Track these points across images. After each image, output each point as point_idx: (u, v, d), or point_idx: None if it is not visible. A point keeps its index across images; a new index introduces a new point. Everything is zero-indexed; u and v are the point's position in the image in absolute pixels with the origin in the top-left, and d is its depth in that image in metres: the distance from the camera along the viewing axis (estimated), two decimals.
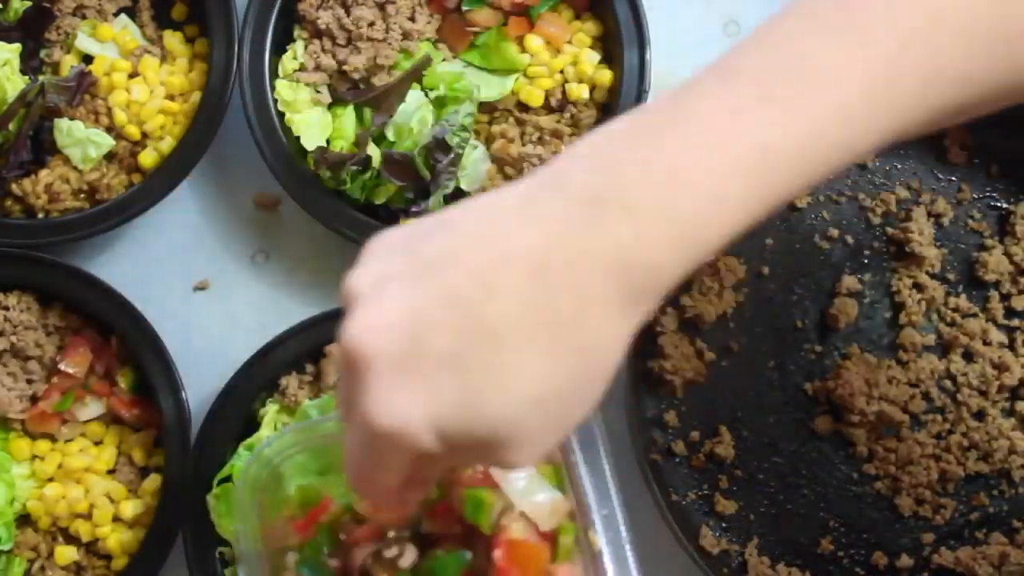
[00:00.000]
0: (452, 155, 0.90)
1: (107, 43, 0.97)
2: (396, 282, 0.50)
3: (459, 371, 0.48)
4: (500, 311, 0.48)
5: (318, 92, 0.93)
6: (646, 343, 0.91)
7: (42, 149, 0.94)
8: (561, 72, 0.94)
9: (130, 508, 0.90)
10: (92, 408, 0.91)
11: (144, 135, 0.95)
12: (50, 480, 0.91)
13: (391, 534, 0.64)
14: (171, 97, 0.96)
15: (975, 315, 0.93)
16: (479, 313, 0.48)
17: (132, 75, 0.95)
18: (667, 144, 0.49)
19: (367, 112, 0.93)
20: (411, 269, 0.50)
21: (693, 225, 0.49)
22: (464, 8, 0.94)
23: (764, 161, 0.49)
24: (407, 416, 0.49)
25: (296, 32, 0.95)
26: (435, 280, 0.49)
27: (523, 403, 0.49)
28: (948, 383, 0.92)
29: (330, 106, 0.94)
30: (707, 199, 0.49)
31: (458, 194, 0.92)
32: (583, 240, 0.48)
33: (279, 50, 0.95)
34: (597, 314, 0.49)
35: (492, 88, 0.93)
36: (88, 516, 0.90)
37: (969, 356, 0.92)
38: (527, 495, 0.61)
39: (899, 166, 0.95)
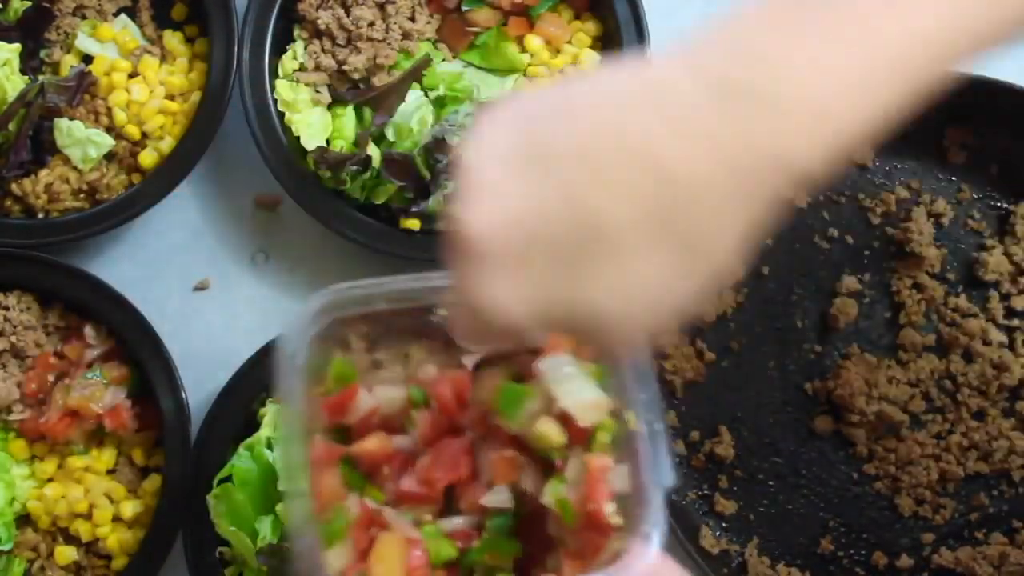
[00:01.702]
0: (452, 155, 0.90)
1: (107, 43, 0.97)
2: (517, 174, 0.49)
3: (572, 269, 0.49)
4: (621, 212, 0.47)
5: (318, 92, 0.93)
6: None
7: (42, 149, 0.94)
8: (561, 72, 0.94)
9: (130, 508, 0.90)
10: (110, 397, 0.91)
11: (144, 135, 0.95)
12: (50, 480, 0.91)
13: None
14: (171, 97, 0.96)
15: (975, 315, 0.93)
16: (599, 213, 0.48)
17: (132, 75, 0.95)
18: (809, 32, 0.48)
19: (367, 112, 0.93)
20: (533, 161, 0.49)
21: (835, 120, 0.47)
22: (464, 8, 0.94)
23: (914, 48, 0.48)
24: (515, 306, 0.49)
25: (296, 32, 0.95)
26: (557, 176, 0.48)
27: (628, 298, 0.49)
28: (948, 383, 0.92)
29: (330, 106, 0.94)
30: (852, 91, 0.48)
31: None
32: (714, 136, 0.47)
33: (279, 50, 0.95)
34: (719, 214, 0.48)
35: (492, 88, 0.93)
36: (88, 516, 0.90)
37: (969, 356, 0.92)
38: (570, 391, 0.60)
39: (899, 166, 0.95)
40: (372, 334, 0.66)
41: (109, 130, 0.94)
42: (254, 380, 0.89)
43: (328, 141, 0.93)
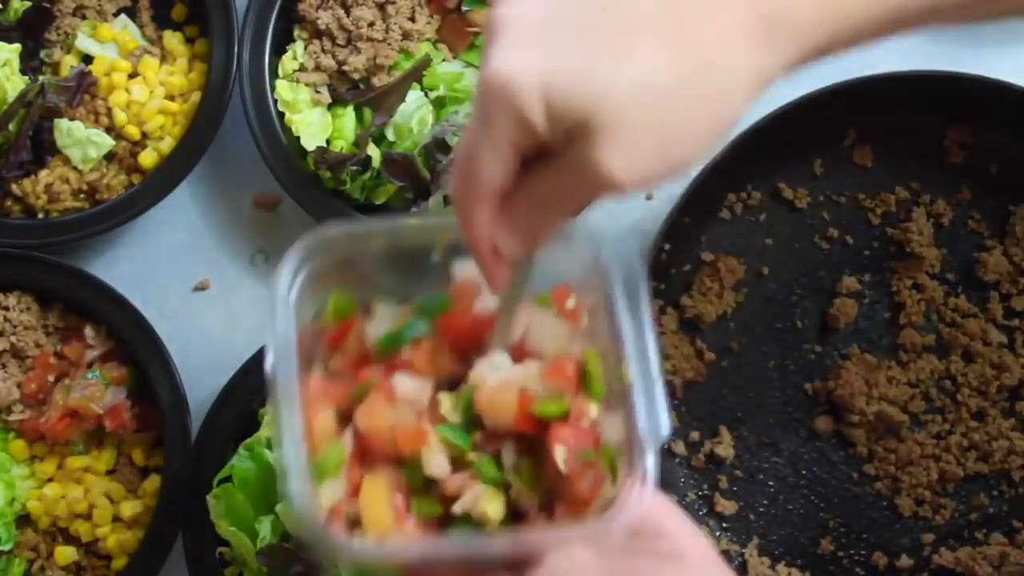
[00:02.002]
0: (452, 155, 0.90)
1: (107, 43, 0.97)
2: None
3: (584, 41, 0.49)
4: (639, 2, 0.50)
5: (318, 92, 0.94)
6: None
7: (42, 149, 0.94)
8: None
9: (130, 508, 0.90)
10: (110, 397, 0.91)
11: (144, 135, 0.95)
12: (50, 480, 0.91)
13: None
14: (171, 97, 0.96)
15: (975, 315, 0.93)
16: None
17: (132, 75, 0.95)
18: None
19: (367, 112, 0.93)
20: None
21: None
22: (464, 8, 0.94)
23: None
24: (521, 68, 0.50)
25: (296, 32, 0.95)
26: None
27: (633, 84, 0.49)
28: (948, 383, 0.92)
29: (330, 106, 0.94)
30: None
31: None
32: None
33: (279, 50, 0.95)
34: (726, 34, 0.50)
35: None
36: (88, 516, 0.90)
37: (969, 356, 0.92)
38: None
39: (899, 166, 0.95)
40: (371, 275, 0.65)
41: (109, 130, 0.94)
42: (254, 380, 0.89)
43: (328, 141, 0.93)
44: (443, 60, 0.94)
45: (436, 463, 0.59)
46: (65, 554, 0.89)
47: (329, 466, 0.59)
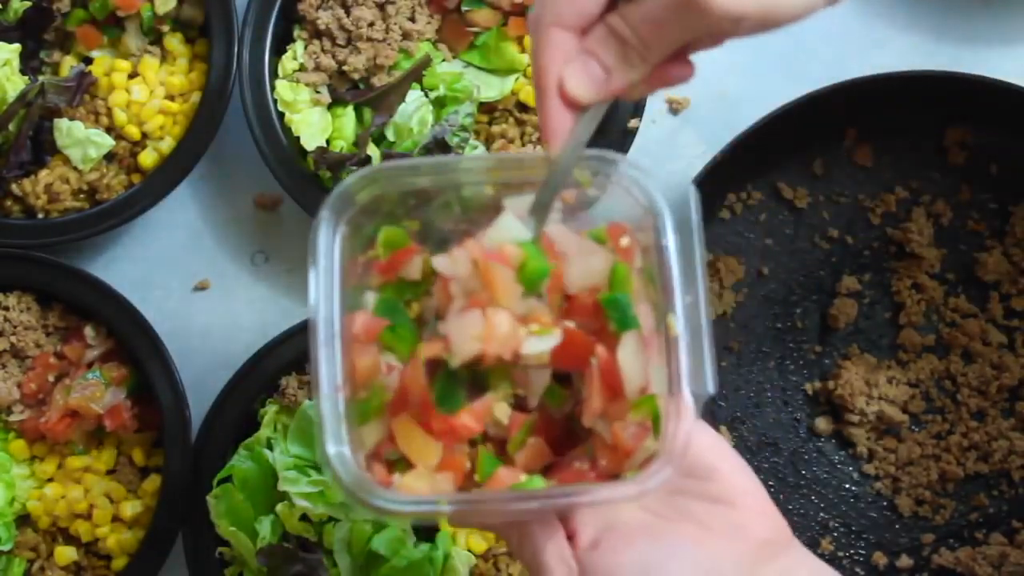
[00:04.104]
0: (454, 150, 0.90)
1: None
2: None
3: None
4: None
5: (318, 92, 0.93)
6: None
7: (42, 149, 0.94)
8: None
9: (130, 508, 0.90)
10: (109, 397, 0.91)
11: (144, 135, 0.95)
12: (50, 480, 0.91)
13: None
14: (171, 97, 0.96)
15: (975, 315, 0.93)
16: None
17: (132, 75, 0.95)
18: None
19: (367, 112, 0.93)
20: None
21: None
22: (464, 8, 0.94)
23: None
24: None
25: (296, 32, 0.95)
26: None
27: None
28: (948, 383, 0.92)
29: (330, 106, 0.94)
30: None
31: None
32: None
33: (279, 50, 0.95)
34: None
35: (492, 88, 0.93)
36: (88, 516, 0.90)
37: (969, 356, 0.92)
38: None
39: (899, 166, 0.95)
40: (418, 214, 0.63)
41: (109, 130, 0.94)
42: (254, 380, 0.89)
43: (328, 141, 0.93)
44: (443, 60, 0.94)
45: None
46: (65, 554, 0.89)
47: (372, 407, 0.57)
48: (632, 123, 0.90)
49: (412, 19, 0.94)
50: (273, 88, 0.93)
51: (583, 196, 0.61)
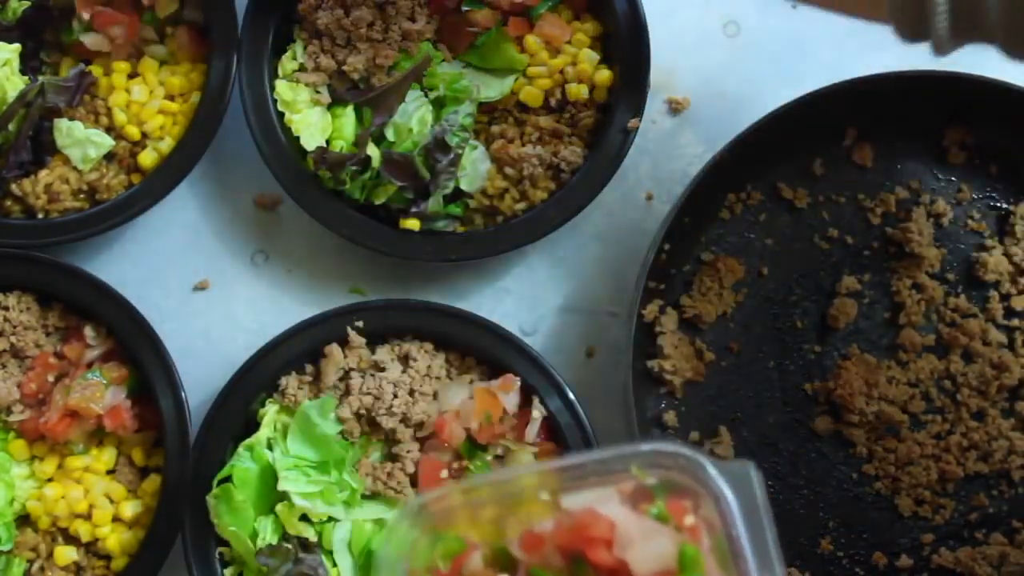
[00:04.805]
0: (452, 155, 0.90)
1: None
2: None
3: None
4: None
5: (318, 92, 0.93)
6: (646, 343, 0.91)
7: (42, 149, 0.94)
8: (560, 72, 0.94)
9: (130, 508, 0.90)
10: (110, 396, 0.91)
11: (144, 135, 0.95)
12: (50, 480, 0.91)
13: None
14: (171, 97, 0.96)
15: (975, 315, 0.93)
16: None
17: (132, 75, 0.95)
18: None
19: (367, 112, 0.93)
20: None
21: None
22: (464, 8, 0.94)
23: None
24: None
25: (296, 32, 0.95)
26: None
27: None
28: (948, 383, 0.92)
29: (330, 106, 0.94)
30: None
31: (458, 194, 0.92)
32: None
33: (279, 50, 0.95)
34: None
35: (492, 88, 0.93)
36: (88, 516, 0.90)
37: (969, 356, 0.92)
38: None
39: (899, 166, 0.95)
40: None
41: (109, 130, 0.94)
42: (254, 380, 0.89)
43: (328, 141, 0.93)
44: (443, 60, 0.94)
45: None
46: (65, 554, 0.89)
47: None
48: (632, 123, 0.90)
49: (412, 19, 0.94)
50: (273, 88, 0.93)
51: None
